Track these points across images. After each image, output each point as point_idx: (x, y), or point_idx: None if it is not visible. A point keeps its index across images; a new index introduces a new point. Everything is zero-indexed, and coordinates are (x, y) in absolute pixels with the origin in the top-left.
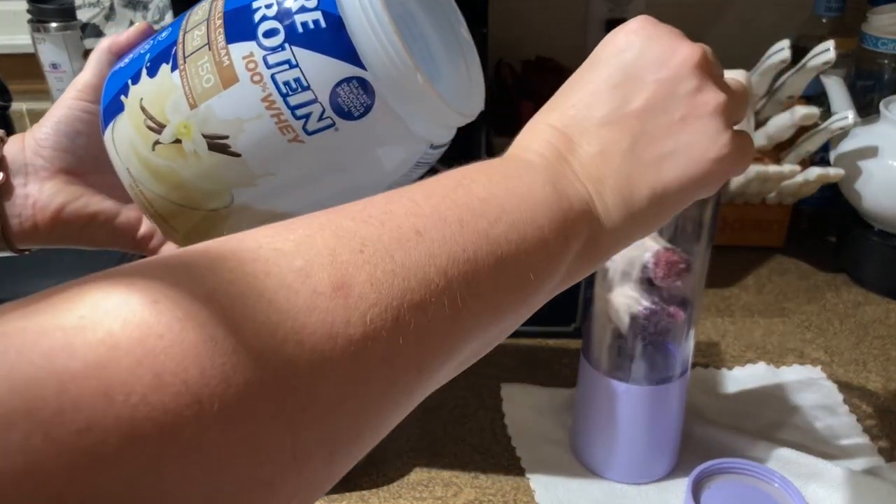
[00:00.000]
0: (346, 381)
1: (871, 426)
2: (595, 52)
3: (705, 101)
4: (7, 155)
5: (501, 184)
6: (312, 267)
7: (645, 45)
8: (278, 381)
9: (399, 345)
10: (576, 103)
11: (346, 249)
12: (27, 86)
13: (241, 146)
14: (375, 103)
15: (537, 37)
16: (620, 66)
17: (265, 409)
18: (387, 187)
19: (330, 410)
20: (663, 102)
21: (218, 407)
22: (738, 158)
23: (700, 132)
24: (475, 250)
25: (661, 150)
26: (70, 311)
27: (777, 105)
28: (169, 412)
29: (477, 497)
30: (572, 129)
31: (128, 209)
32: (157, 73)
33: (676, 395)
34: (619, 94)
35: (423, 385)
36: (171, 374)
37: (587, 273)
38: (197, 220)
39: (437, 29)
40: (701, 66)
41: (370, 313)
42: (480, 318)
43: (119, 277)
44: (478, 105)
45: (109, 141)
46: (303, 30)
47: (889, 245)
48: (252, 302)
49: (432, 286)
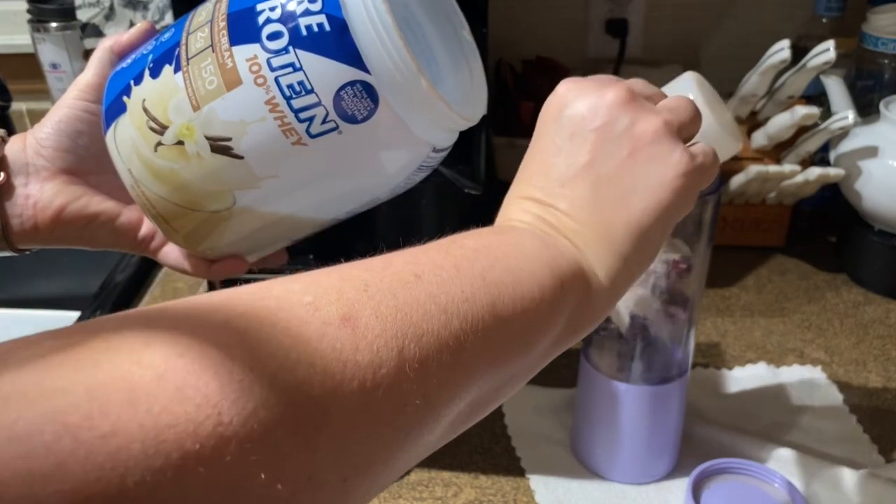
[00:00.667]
0: (356, 405)
1: (870, 426)
2: (538, 125)
3: (642, 130)
4: (8, 155)
5: (493, 238)
6: (321, 302)
7: (574, 103)
8: (293, 401)
9: (404, 372)
10: (534, 172)
11: (350, 288)
12: (27, 86)
13: (244, 148)
14: (379, 107)
15: (537, 37)
16: (560, 129)
17: (281, 426)
18: (389, 190)
19: (343, 433)
20: (607, 146)
21: (237, 420)
22: (701, 169)
23: (650, 160)
24: (472, 291)
25: (622, 189)
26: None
27: (777, 105)
28: (190, 422)
29: (477, 497)
30: (541, 196)
31: (129, 210)
32: (160, 74)
33: (676, 396)
34: (567, 153)
35: (432, 420)
36: (193, 387)
37: (590, 325)
38: (198, 221)
39: (439, 32)
40: (627, 102)
41: (376, 343)
42: (482, 357)
43: (137, 319)
44: (480, 109)
45: (111, 141)
46: (307, 33)
47: (889, 245)
48: (266, 328)
49: (433, 321)
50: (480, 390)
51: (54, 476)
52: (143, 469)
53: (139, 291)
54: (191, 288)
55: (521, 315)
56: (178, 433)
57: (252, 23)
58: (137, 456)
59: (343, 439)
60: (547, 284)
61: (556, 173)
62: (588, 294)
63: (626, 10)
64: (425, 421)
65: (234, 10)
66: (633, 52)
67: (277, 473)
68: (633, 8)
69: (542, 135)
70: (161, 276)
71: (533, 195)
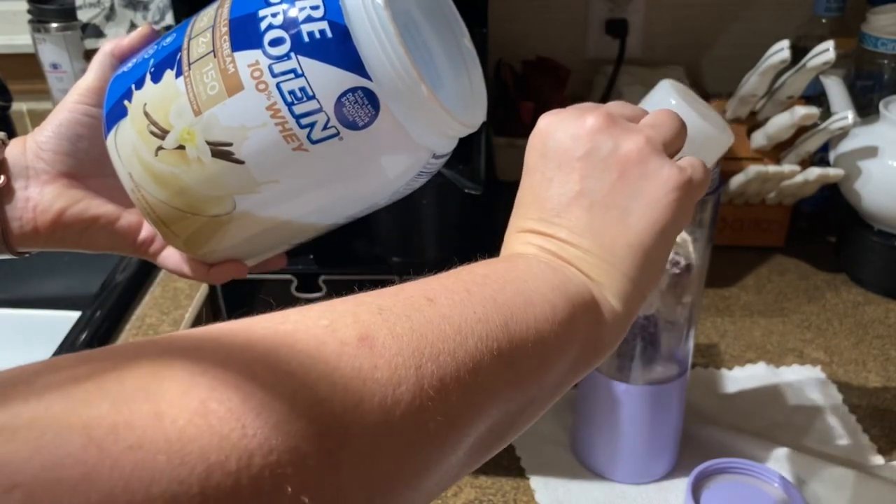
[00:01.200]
0: (377, 422)
1: (870, 426)
2: (526, 162)
3: (627, 151)
4: (8, 158)
5: (501, 264)
6: (337, 324)
7: (556, 134)
8: (315, 418)
9: (423, 390)
10: (529, 206)
11: (365, 312)
12: (27, 86)
13: (245, 154)
14: (380, 114)
15: (537, 37)
16: (547, 162)
17: (304, 442)
18: (388, 196)
19: (365, 451)
20: (595, 172)
21: (261, 433)
22: (691, 182)
23: (640, 179)
24: (485, 312)
25: (617, 211)
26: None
27: (777, 105)
28: (214, 434)
29: (477, 497)
30: (540, 228)
31: (128, 213)
32: (161, 78)
33: (676, 396)
34: (558, 184)
35: (454, 440)
36: (217, 400)
37: (607, 349)
38: (198, 225)
39: (440, 38)
40: (607, 126)
41: (394, 361)
42: (498, 376)
43: (155, 345)
44: (480, 115)
45: (112, 145)
46: (309, 39)
47: (889, 245)
48: (285, 349)
49: (449, 340)
50: (499, 412)
51: (80, 486)
52: (168, 480)
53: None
54: (191, 287)
55: (534, 335)
56: (202, 445)
57: (254, 29)
58: (163, 467)
59: (366, 457)
60: (559, 306)
61: (551, 205)
62: (600, 318)
63: (626, 11)
64: (447, 440)
65: (235, 16)
66: (633, 53)
67: (303, 488)
68: (633, 8)
69: (530, 170)
70: (161, 277)
71: (532, 228)
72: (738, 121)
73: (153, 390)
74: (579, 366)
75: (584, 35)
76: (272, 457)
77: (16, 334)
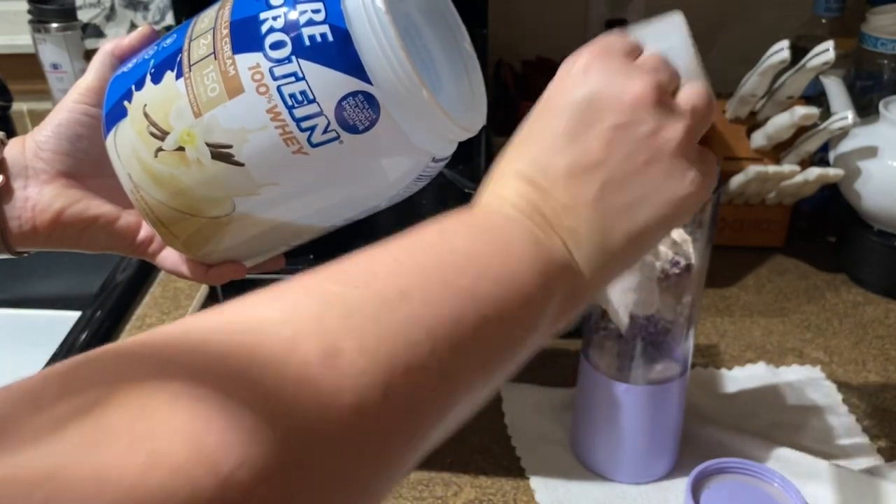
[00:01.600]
0: (340, 446)
1: (870, 426)
2: (550, 91)
3: (665, 140)
4: (7, 157)
5: (483, 237)
6: (300, 336)
7: (597, 89)
8: (274, 452)
9: (389, 410)
10: (539, 150)
11: (331, 316)
12: (28, 86)
13: (245, 156)
14: (380, 118)
15: (537, 37)
16: (576, 114)
17: (259, 469)
18: (388, 199)
19: (327, 473)
20: (624, 148)
21: (221, 451)
22: (709, 188)
23: (666, 174)
24: (461, 309)
25: (629, 197)
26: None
27: (776, 105)
28: (175, 453)
29: (477, 497)
30: (540, 179)
31: (127, 213)
32: (161, 79)
33: (676, 396)
34: (580, 144)
35: (419, 443)
36: (163, 451)
37: (568, 321)
38: (197, 226)
39: (440, 41)
40: (655, 103)
41: (361, 381)
42: (468, 377)
43: (113, 358)
44: (480, 119)
45: (111, 146)
46: (310, 43)
47: (889, 245)
48: (243, 374)
49: (418, 348)
50: (465, 407)
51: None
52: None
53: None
54: (191, 288)
55: (507, 330)
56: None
57: (255, 31)
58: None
59: (328, 479)
60: (535, 295)
61: (564, 162)
62: (572, 292)
63: (626, 11)
64: (412, 446)
65: (237, 19)
66: None
67: None
68: (633, 8)
69: (553, 110)
70: (161, 277)
71: (533, 177)
72: (738, 121)
73: (106, 415)
74: (539, 343)
75: (584, 35)
76: (238, 477)
77: (16, 334)
